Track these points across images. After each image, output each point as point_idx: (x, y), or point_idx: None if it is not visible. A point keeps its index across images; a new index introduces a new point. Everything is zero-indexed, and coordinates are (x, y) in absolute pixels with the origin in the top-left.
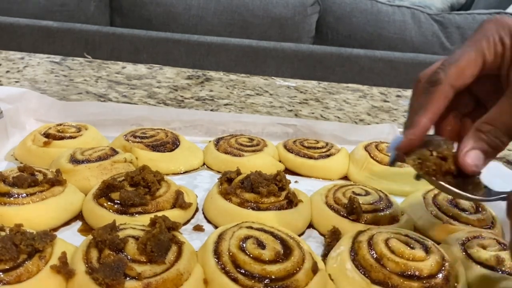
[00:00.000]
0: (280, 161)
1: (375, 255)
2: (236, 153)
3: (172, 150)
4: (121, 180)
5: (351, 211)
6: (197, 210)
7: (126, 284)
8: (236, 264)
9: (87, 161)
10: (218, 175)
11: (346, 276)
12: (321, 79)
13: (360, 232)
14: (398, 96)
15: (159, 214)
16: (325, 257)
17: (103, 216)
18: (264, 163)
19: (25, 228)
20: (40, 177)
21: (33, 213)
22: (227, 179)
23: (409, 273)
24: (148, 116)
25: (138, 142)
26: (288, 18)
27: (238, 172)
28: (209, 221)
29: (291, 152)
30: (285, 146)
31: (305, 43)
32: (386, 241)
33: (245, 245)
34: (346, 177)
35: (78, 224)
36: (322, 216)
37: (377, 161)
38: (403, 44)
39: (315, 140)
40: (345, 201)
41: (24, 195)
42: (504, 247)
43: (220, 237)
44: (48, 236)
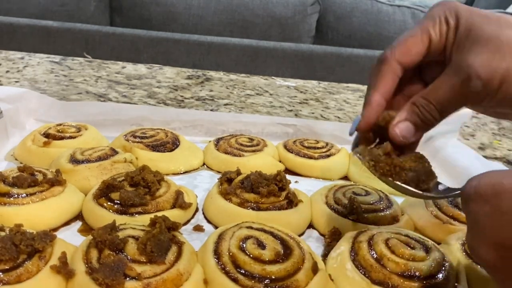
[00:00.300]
0: (280, 161)
1: (375, 255)
2: (236, 153)
3: (172, 150)
4: (121, 180)
5: (351, 211)
6: (197, 210)
7: (126, 284)
8: (236, 264)
9: (87, 161)
10: (218, 175)
11: (346, 276)
12: (321, 79)
13: (360, 232)
14: None
15: (159, 214)
16: (325, 257)
17: (103, 216)
18: (264, 163)
19: (25, 228)
20: (40, 177)
21: (33, 213)
22: (227, 179)
23: (409, 273)
24: (148, 116)
25: (138, 142)
26: (288, 17)
27: (238, 172)
28: (209, 221)
29: (291, 152)
30: (285, 146)
31: (305, 43)
32: (386, 241)
33: (245, 245)
34: (346, 177)
35: (78, 224)
36: (322, 216)
37: None
38: None
39: (315, 140)
40: (345, 201)
41: (24, 195)
42: None
43: (220, 237)
44: (48, 236)
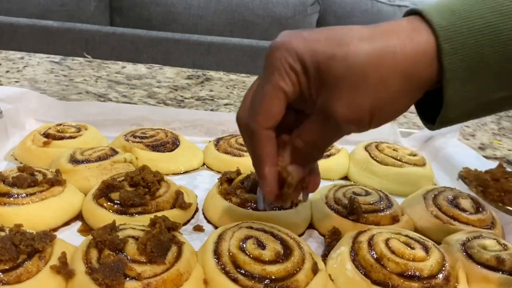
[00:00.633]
0: None
1: (375, 256)
2: (236, 153)
3: (172, 150)
4: (121, 180)
5: (351, 211)
6: (197, 210)
7: (126, 284)
8: (236, 264)
9: (87, 161)
10: (218, 175)
11: (346, 276)
12: None
13: (360, 232)
14: None
15: (159, 214)
16: (325, 257)
17: (103, 216)
18: None
19: (24, 228)
20: (39, 177)
21: (33, 213)
22: (227, 179)
23: (409, 273)
24: (148, 116)
25: (138, 142)
26: (288, 17)
27: (238, 172)
28: (209, 221)
29: None
30: None
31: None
32: (387, 242)
33: (245, 245)
34: (346, 177)
35: (77, 224)
36: (322, 216)
37: (377, 161)
38: None
39: None
40: (346, 201)
41: (24, 195)
42: (505, 247)
43: (220, 237)
44: (48, 236)
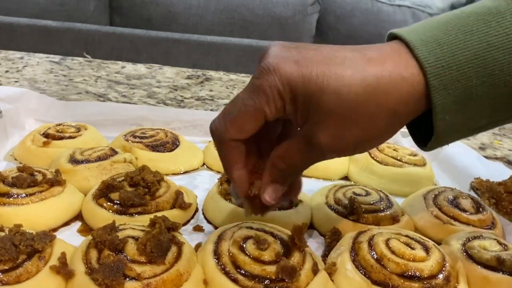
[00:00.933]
0: None
1: (375, 256)
2: None
3: (172, 150)
4: (120, 180)
5: (351, 211)
6: (197, 210)
7: (125, 284)
8: (236, 264)
9: (87, 161)
10: (218, 175)
11: (346, 276)
12: None
13: (360, 233)
14: None
15: (158, 214)
16: (325, 257)
17: (102, 216)
18: None
19: (24, 229)
20: (39, 177)
21: (32, 214)
22: (227, 179)
23: (409, 273)
24: (148, 116)
25: (138, 142)
26: (289, 17)
27: None
28: (209, 222)
29: None
30: None
31: (306, 43)
32: (387, 242)
33: (245, 245)
34: (346, 177)
35: (77, 224)
36: (323, 216)
37: (377, 161)
38: None
39: None
40: (346, 201)
41: (24, 195)
42: (505, 247)
43: (220, 238)
44: (48, 236)
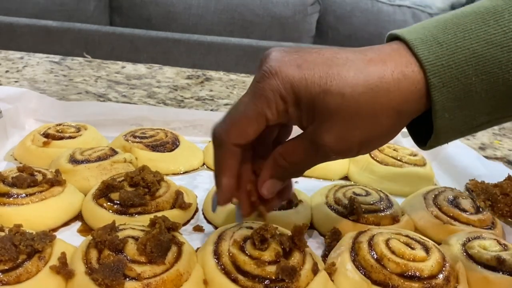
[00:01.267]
0: None
1: (375, 256)
2: None
3: (172, 150)
4: (120, 180)
5: (351, 211)
6: (197, 210)
7: (125, 284)
8: (236, 264)
9: (87, 161)
10: None
11: (346, 276)
12: None
13: (360, 233)
14: None
15: (158, 214)
16: (325, 257)
17: (102, 216)
18: None
19: (24, 229)
20: (39, 177)
21: (32, 214)
22: None
23: (409, 273)
24: (148, 116)
25: (138, 142)
26: (289, 17)
27: None
28: (209, 222)
29: None
30: None
31: (306, 43)
32: (387, 242)
33: (245, 245)
34: (346, 177)
35: (77, 224)
36: (323, 216)
37: (377, 161)
38: None
39: None
40: (346, 201)
41: (24, 195)
42: (505, 247)
43: (220, 238)
44: (48, 236)
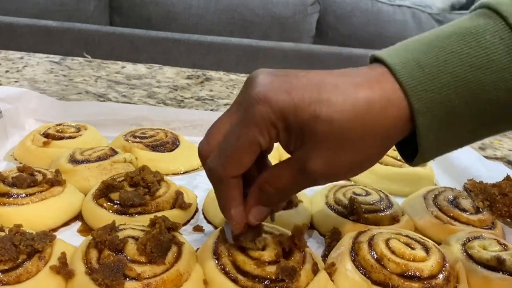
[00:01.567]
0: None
1: (375, 256)
2: None
3: (172, 150)
4: (120, 180)
5: (351, 211)
6: (197, 210)
7: (125, 284)
8: (236, 264)
9: (87, 161)
10: None
11: (346, 276)
12: None
13: (360, 233)
14: None
15: (158, 214)
16: (325, 257)
17: (102, 216)
18: None
19: (24, 229)
20: (39, 177)
21: (32, 214)
22: None
23: (409, 273)
24: (148, 116)
25: (138, 142)
26: (288, 17)
27: None
28: (209, 222)
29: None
30: None
31: (306, 43)
32: (387, 242)
33: None
34: None
35: (77, 224)
36: (323, 216)
37: None
38: None
39: None
40: (346, 201)
41: (24, 195)
42: (505, 247)
43: (220, 238)
44: (48, 236)
